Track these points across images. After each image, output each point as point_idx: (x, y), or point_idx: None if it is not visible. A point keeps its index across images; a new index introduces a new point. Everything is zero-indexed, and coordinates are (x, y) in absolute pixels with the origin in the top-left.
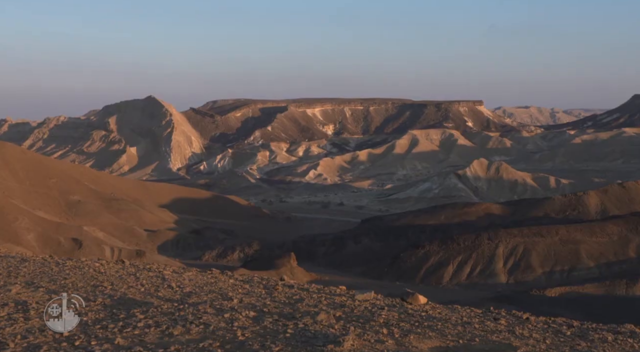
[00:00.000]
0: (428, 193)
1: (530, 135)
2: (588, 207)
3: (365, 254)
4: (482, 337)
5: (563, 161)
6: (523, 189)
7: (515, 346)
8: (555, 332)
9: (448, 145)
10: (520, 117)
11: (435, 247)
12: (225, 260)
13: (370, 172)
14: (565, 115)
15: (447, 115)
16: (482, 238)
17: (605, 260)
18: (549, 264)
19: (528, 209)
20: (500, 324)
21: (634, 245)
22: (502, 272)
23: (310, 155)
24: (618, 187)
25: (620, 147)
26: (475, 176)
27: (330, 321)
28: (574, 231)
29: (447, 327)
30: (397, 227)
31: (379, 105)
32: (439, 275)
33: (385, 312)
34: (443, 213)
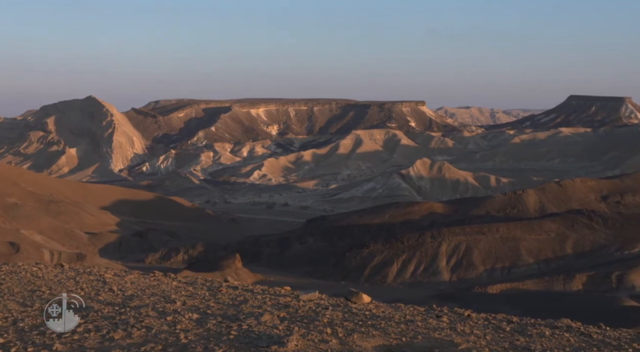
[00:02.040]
0: (372, 193)
1: (472, 135)
2: (527, 205)
3: (310, 254)
4: (424, 335)
5: (503, 160)
6: (465, 188)
7: (457, 343)
8: (495, 328)
9: (391, 145)
10: (462, 117)
11: (380, 247)
12: (169, 262)
13: (314, 173)
14: (504, 116)
15: (390, 116)
16: (426, 237)
17: (543, 256)
18: (490, 261)
19: (470, 208)
20: (443, 321)
21: (570, 242)
22: (445, 270)
23: (254, 156)
24: (555, 186)
25: (557, 146)
26: (419, 176)
27: (274, 322)
28: (514, 228)
29: (390, 325)
30: (341, 227)
31: (323, 105)
32: (383, 274)
33: (329, 312)
34: (387, 212)
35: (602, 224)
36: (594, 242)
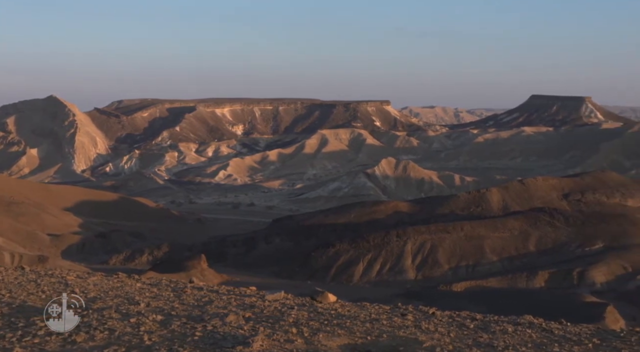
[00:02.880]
0: (338, 192)
1: (436, 135)
2: (491, 204)
3: (277, 254)
4: (389, 333)
5: (467, 160)
6: (429, 186)
7: (421, 341)
8: (459, 326)
9: (357, 144)
10: (426, 116)
11: (346, 246)
12: (133, 263)
13: (280, 172)
14: (468, 115)
15: (355, 115)
16: (391, 236)
17: (507, 254)
18: (455, 259)
19: (434, 207)
20: (408, 319)
21: (533, 239)
22: (410, 269)
23: (219, 156)
24: (518, 184)
25: (519, 145)
26: (384, 175)
27: (239, 322)
28: (478, 226)
29: (355, 324)
30: (307, 226)
31: (289, 105)
32: (349, 273)
33: (295, 311)
34: (353, 212)
35: (564, 221)
36: (556, 239)
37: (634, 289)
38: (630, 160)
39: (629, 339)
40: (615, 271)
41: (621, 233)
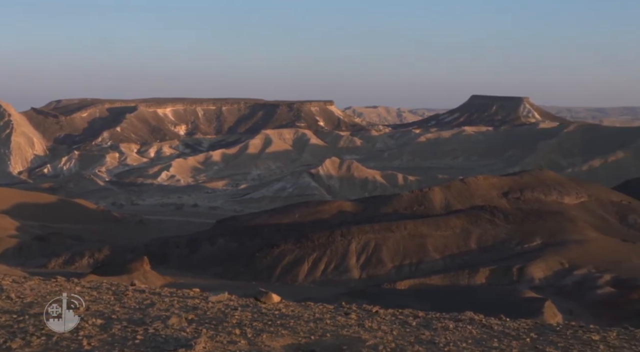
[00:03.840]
0: (282, 192)
1: (379, 134)
2: (433, 203)
3: (221, 255)
4: (333, 333)
5: (410, 159)
6: (373, 186)
7: (365, 339)
8: (402, 324)
9: (301, 144)
10: (369, 116)
11: (290, 246)
12: (73, 267)
13: (224, 173)
14: (411, 115)
15: (299, 115)
16: (336, 235)
17: (449, 252)
18: (399, 258)
19: (378, 206)
20: (351, 318)
21: (474, 237)
22: (355, 268)
23: (162, 156)
24: (460, 183)
25: (461, 145)
26: (328, 175)
27: (182, 325)
28: (421, 225)
29: (299, 324)
30: (252, 226)
31: (232, 105)
32: (294, 273)
33: (238, 312)
34: (297, 212)
35: (504, 219)
36: (496, 237)
37: (570, 284)
38: (567, 159)
39: (565, 333)
40: (552, 267)
41: (558, 230)
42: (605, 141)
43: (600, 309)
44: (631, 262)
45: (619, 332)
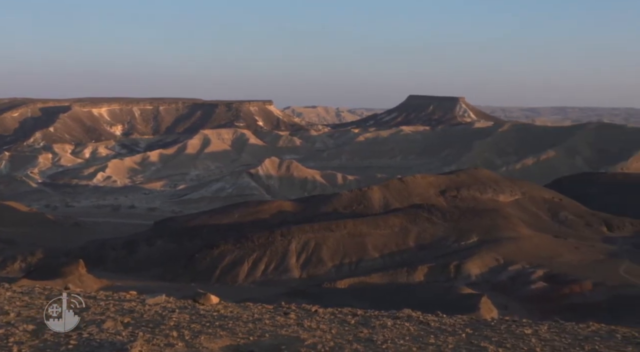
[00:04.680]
0: (222, 192)
1: (318, 134)
2: (372, 202)
3: (159, 257)
4: (271, 333)
5: (349, 158)
6: (313, 186)
7: (303, 338)
8: (340, 322)
9: (240, 144)
10: (309, 116)
11: (230, 246)
12: (4, 271)
13: (162, 173)
14: (349, 115)
15: (238, 115)
16: (276, 235)
17: (388, 251)
18: (339, 257)
19: (318, 205)
20: (290, 318)
21: (413, 235)
22: (295, 268)
23: (97, 157)
24: (398, 182)
25: (399, 144)
26: (267, 175)
27: (117, 328)
28: (360, 224)
29: (238, 325)
30: (191, 227)
31: (169, 105)
32: (234, 274)
33: (176, 314)
34: (237, 212)
35: (441, 217)
36: (434, 234)
37: (505, 279)
38: (501, 157)
39: (499, 328)
40: (488, 263)
41: (493, 227)
42: (537, 140)
43: (533, 304)
44: (562, 258)
45: (549, 326)
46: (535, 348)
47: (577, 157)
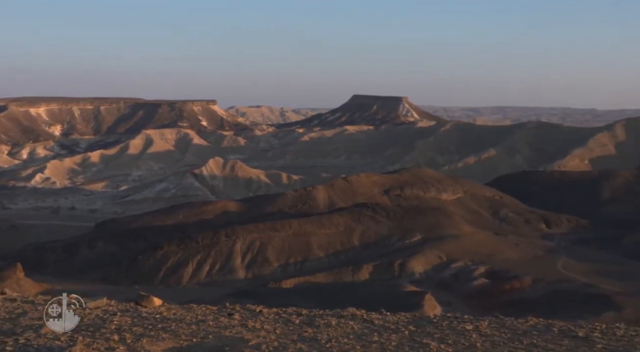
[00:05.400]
0: (165, 193)
1: (263, 134)
2: (317, 201)
3: (101, 259)
4: (215, 334)
5: (293, 158)
6: (257, 186)
7: (247, 339)
8: (285, 322)
9: (183, 144)
10: (253, 116)
11: (174, 248)
12: None
13: (103, 174)
14: (294, 115)
15: (181, 115)
16: (220, 236)
17: (333, 250)
18: (284, 256)
19: (263, 205)
20: (234, 319)
21: (357, 234)
22: (240, 268)
23: (36, 158)
24: (342, 181)
25: (343, 144)
26: (212, 175)
27: (56, 333)
28: (305, 224)
29: (181, 327)
30: (134, 229)
31: (111, 104)
32: (178, 275)
33: (117, 317)
34: (181, 213)
35: (385, 216)
36: (378, 233)
37: (448, 277)
38: (443, 156)
39: (441, 324)
40: (432, 261)
41: (437, 225)
42: (478, 139)
43: (475, 300)
44: (503, 255)
45: (490, 321)
46: (475, 343)
47: (517, 155)
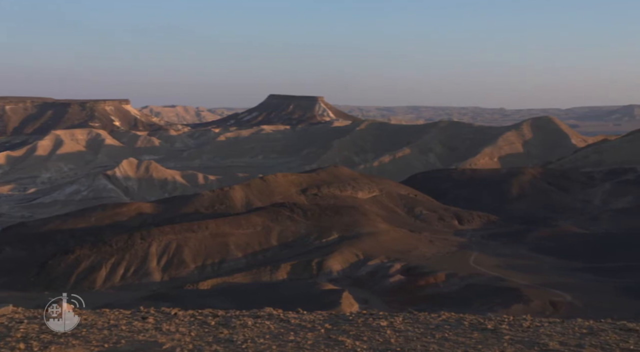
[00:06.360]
0: (76, 195)
1: (178, 134)
2: (234, 201)
3: (8, 265)
4: (128, 339)
5: (210, 158)
6: (173, 186)
7: (161, 343)
8: (200, 324)
9: (95, 145)
10: (168, 116)
11: (87, 251)
12: None
13: (9, 177)
14: (210, 114)
15: (92, 115)
16: (135, 238)
17: (251, 250)
18: (201, 258)
19: (179, 206)
20: (148, 322)
21: (275, 234)
22: (156, 271)
23: None
24: (260, 181)
25: (260, 143)
26: (126, 176)
27: None
28: (223, 224)
29: (92, 332)
30: (43, 233)
31: (17, 104)
32: (91, 279)
33: (24, 325)
34: (93, 215)
35: (303, 215)
36: (296, 232)
37: (365, 274)
38: (359, 155)
39: (357, 321)
40: (349, 259)
41: (353, 223)
42: (393, 138)
43: (392, 296)
44: (418, 251)
45: (404, 317)
46: (390, 339)
47: (430, 154)
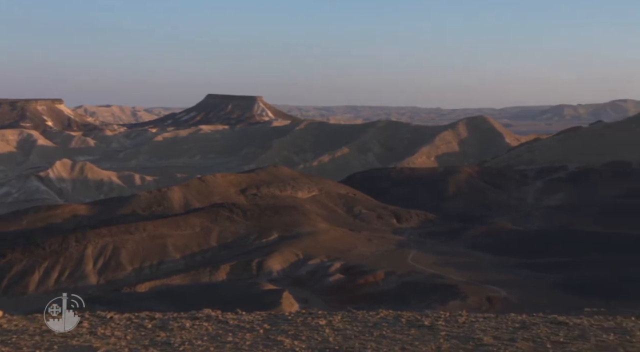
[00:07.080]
0: (7, 198)
1: (114, 134)
2: (172, 202)
3: None
4: (61, 344)
5: (147, 159)
6: (109, 187)
7: (96, 347)
8: (137, 327)
9: (27, 146)
10: (103, 116)
11: (18, 255)
12: None
13: None
14: (146, 114)
15: (24, 115)
16: (70, 241)
17: (190, 251)
18: (138, 260)
19: (115, 208)
20: (83, 326)
21: (214, 234)
22: (92, 274)
23: None
24: (198, 181)
25: (198, 143)
26: (59, 177)
27: None
28: (161, 225)
29: (23, 339)
30: None
31: None
32: (23, 284)
33: None
34: (25, 218)
35: (242, 215)
36: (236, 233)
37: (305, 273)
38: (299, 155)
39: (295, 321)
40: (289, 259)
41: (293, 223)
42: (332, 138)
43: (332, 295)
44: (358, 250)
45: (343, 316)
46: (328, 338)
47: (369, 153)
